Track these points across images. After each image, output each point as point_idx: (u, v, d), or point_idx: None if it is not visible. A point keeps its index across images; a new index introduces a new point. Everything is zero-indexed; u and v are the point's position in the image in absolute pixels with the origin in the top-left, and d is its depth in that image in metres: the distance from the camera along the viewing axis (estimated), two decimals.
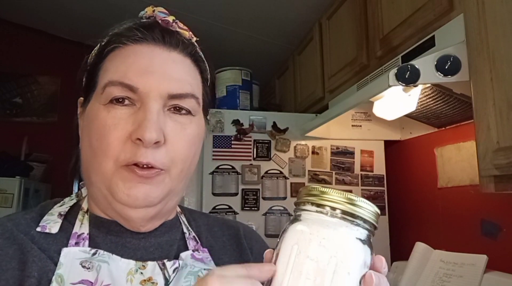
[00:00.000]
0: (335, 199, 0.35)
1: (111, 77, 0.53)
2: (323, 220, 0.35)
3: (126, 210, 0.53)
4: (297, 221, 0.37)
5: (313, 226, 0.35)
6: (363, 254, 0.35)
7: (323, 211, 0.35)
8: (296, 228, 0.36)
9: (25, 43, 3.28)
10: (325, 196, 0.36)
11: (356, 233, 0.35)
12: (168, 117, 0.54)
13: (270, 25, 2.34)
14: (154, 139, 0.50)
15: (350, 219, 0.35)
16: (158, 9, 0.60)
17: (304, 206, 0.37)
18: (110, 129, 0.52)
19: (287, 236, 0.36)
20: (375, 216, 0.36)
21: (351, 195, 0.35)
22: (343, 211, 0.35)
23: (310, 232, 0.35)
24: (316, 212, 0.36)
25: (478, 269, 1.18)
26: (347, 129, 1.87)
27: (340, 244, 0.34)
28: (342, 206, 0.35)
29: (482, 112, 0.96)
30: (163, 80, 0.53)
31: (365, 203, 0.35)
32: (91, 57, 0.60)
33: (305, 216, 0.36)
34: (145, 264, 0.54)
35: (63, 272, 0.50)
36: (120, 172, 0.52)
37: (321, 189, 0.36)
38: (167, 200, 0.56)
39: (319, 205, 0.36)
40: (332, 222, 0.35)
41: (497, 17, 0.92)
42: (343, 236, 0.34)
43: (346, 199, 0.35)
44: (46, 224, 0.55)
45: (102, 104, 0.53)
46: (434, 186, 1.65)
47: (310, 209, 0.36)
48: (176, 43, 0.57)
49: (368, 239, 0.36)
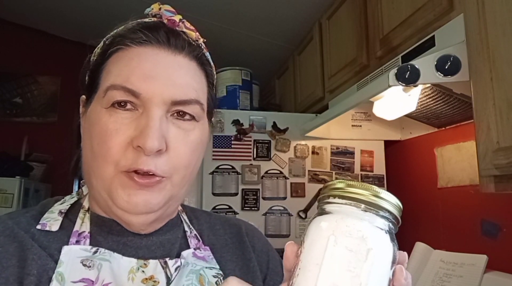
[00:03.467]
0: (367, 193, 0.36)
1: (113, 80, 0.52)
2: (357, 213, 0.35)
3: (126, 216, 0.52)
4: (328, 213, 0.37)
5: (347, 218, 0.35)
6: (393, 247, 0.36)
7: (356, 204, 0.36)
8: (330, 218, 0.36)
9: (25, 43, 3.27)
10: (354, 189, 0.36)
11: (386, 227, 0.36)
12: (171, 123, 0.53)
13: (270, 25, 2.34)
14: (156, 148, 0.49)
15: (382, 214, 0.36)
16: (165, 7, 0.58)
17: (333, 200, 0.37)
18: (112, 134, 0.51)
19: (320, 227, 0.36)
20: (399, 211, 0.37)
21: (378, 189, 0.36)
22: (373, 204, 0.35)
23: (346, 225, 0.35)
24: (348, 204, 0.36)
25: (478, 269, 1.18)
26: (347, 129, 1.88)
27: (375, 236, 0.35)
28: (374, 200, 0.35)
29: (482, 112, 0.96)
30: (167, 86, 0.52)
31: (391, 197, 0.36)
32: (94, 56, 0.59)
33: (335, 208, 0.36)
34: (146, 262, 0.54)
35: (63, 270, 0.49)
36: (119, 178, 0.51)
37: (348, 182, 0.36)
38: (168, 205, 0.55)
39: (350, 198, 0.36)
40: (365, 215, 0.35)
41: (497, 17, 0.92)
42: (377, 229, 0.35)
43: (377, 193, 0.36)
44: (47, 222, 0.55)
45: (104, 107, 0.52)
46: (434, 186, 1.65)
47: (341, 202, 0.36)
48: (182, 45, 0.56)
49: (394, 233, 0.37)
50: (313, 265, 0.35)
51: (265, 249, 0.68)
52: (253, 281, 0.62)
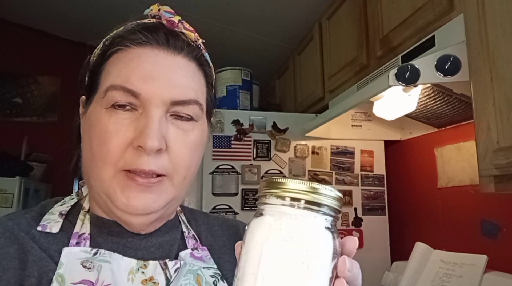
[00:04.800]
0: (298, 189, 0.34)
1: (113, 81, 0.52)
2: (292, 213, 0.34)
3: (125, 217, 0.53)
4: (263, 215, 0.35)
5: (281, 220, 0.34)
6: (332, 242, 0.34)
7: (288, 204, 0.34)
8: (264, 223, 0.34)
9: (25, 43, 3.27)
10: (287, 187, 0.34)
11: (324, 222, 0.34)
12: (170, 123, 0.53)
13: (270, 25, 2.34)
14: (156, 147, 0.50)
15: (316, 209, 0.34)
16: (164, 8, 0.59)
17: (267, 200, 0.35)
18: (112, 135, 0.51)
19: (255, 233, 0.34)
20: (338, 201, 0.35)
21: (312, 183, 0.34)
22: (307, 201, 0.33)
23: (280, 228, 0.33)
24: (281, 205, 0.34)
25: (478, 269, 1.18)
26: (347, 129, 1.87)
27: (310, 236, 0.33)
28: (306, 196, 0.33)
29: (482, 112, 0.96)
30: (166, 86, 0.52)
31: (327, 190, 0.34)
32: (93, 56, 0.59)
33: (270, 209, 0.35)
34: (146, 263, 0.54)
35: (63, 272, 0.50)
36: (118, 178, 0.51)
37: (282, 180, 0.35)
38: (169, 206, 0.56)
39: (282, 197, 0.34)
40: (298, 214, 0.34)
41: (497, 17, 0.92)
42: (312, 228, 0.33)
43: (309, 188, 0.34)
44: (47, 224, 0.55)
45: (104, 108, 0.53)
46: (434, 186, 1.65)
47: (274, 202, 0.35)
48: (181, 46, 0.56)
49: (334, 225, 0.35)
50: (249, 275, 0.33)
51: None
52: None
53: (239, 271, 0.34)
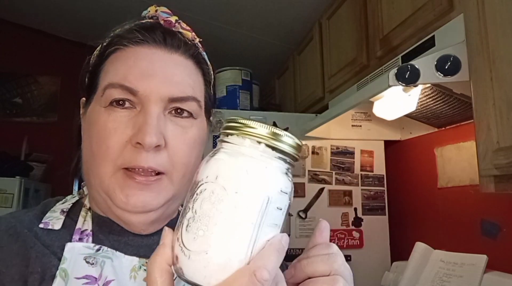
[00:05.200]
0: (257, 132, 0.34)
1: (111, 79, 0.53)
2: (246, 154, 0.34)
3: (126, 215, 0.53)
4: (219, 152, 0.35)
5: (236, 159, 0.34)
6: (281, 182, 0.34)
7: (247, 144, 0.34)
8: (218, 160, 0.35)
9: (25, 43, 3.27)
10: (248, 129, 0.35)
11: (280, 167, 0.35)
12: (169, 120, 0.54)
13: (270, 25, 2.34)
14: (154, 143, 0.50)
15: (269, 151, 0.34)
16: (161, 9, 0.59)
17: (226, 138, 0.36)
18: (110, 132, 0.51)
19: (210, 165, 0.35)
20: (296, 149, 0.36)
21: (273, 128, 0.35)
22: (266, 145, 0.34)
23: (235, 163, 0.34)
24: (238, 144, 0.35)
25: (478, 269, 1.18)
26: (347, 129, 1.87)
27: (256, 174, 0.33)
28: (265, 140, 0.34)
29: (482, 112, 0.96)
30: (164, 83, 0.53)
31: (287, 137, 0.35)
32: (93, 58, 0.60)
33: (226, 147, 0.35)
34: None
35: (67, 267, 0.50)
36: (117, 177, 0.52)
37: (243, 121, 0.35)
38: (168, 204, 0.55)
39: (242, 138, 0.35)
40: (255, 155, 0.34)
41: (497, 17, 0.92)
42: (259, 167, 0.34)
43: (269, 133, 0.34)
44: (49, 221, 0.55)
45: (103, 106, 0.53)
46: (434, 186, 1.65)
47: (232, 141, 0.35)
48: (178, 44, 0.57)
49: (288, 170, 0.36)
50: (201, 215, 0.33)
51: None
52: None
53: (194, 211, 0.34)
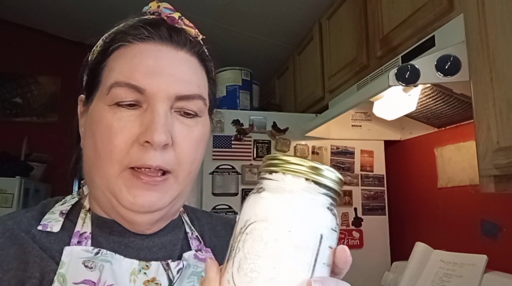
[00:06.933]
0: (299, 168, 0.34)
1: (117, 77, 0.52)
2: (289, 190, 0.33)
3: (131, 215, 0.52)
4: (263, 190, 0.35)
5: (280, 196, 0.33)
6: (330, 220, 0.34)
7: (289, 180, 0.34)
8: (262, 198, 0.34)
9: (25, 43, 3.27)
10: (288, 165, 0.34)
11: (324, 202, 0.34)
12: (175, 118, 0.53)
13: (270, 25, 2.34)
14: (164, 142, 0.49)
15: (314, 187, 0.34)
16: (163, 5, 0.58)
17: (270, 176, 0.35)
18: (117, 131, 0.51)
19: (259, 204, 0.34)
20: (338, 184, 0.35)
21: (314, 162, 0.34)
22: (307, 179, 0.33)
23: (278, 204, 0.33)
24: (280, 180, 0.34)
25: (478, 269, 1.18)
26: (347, 129, 1.87)
27: (308, 211, 0.33)
28: (306, 175, 0.33)
29: (482, 112, 0.96)
30: (171, 81, 0.52)
31: (329, 171, 0.34)
32: (93, 54, 0.59)
33: (271, 184, 0.35)
34: (148, 264, 0.53)
35: (65, 272, 0.49)
36: (123, 176, 0.51)
37: (284, 157, 0.34)
38: (174, 202, 0.55)
39: (283, 173, 0.34)
40: (298, 191, 0.33)
41: (497, 17, 0.92)
42: (309, 204, 0.33)
43: (310, 168, 0.34)
44: (48, 223, 0.54)
45: (107, 104, 0.52)
46: (434, 186, 1.65)
47: (274, 178, 0.34)
48: (184, 42, 0.56)
49: (334, 206, 0.35)
50: (253, 256, 0.32)
51: None
52: None
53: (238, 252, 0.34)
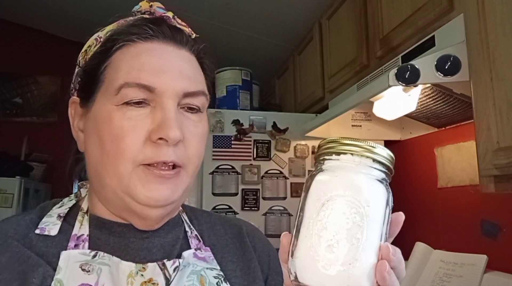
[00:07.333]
0: (356, 147, 0.38)
1: (125, 78, 0.52)
2: (352, 167, 0.38)
3: (145, 210, 0.52)
4: (322, 171, 0.39)
5: (344, 174, 0.38)
6: (386, 194, 0.38)
7: (348, 159, 0.38)
8: (328, 177, 0.38)
9: (25, 43, 3.28)
10: (350, 146, 0.38)
11: (378, 176, 0.38)
12: (182, 115, 0.55)
13: (270, 25, 2.34)
14: (179, 137, 0.51)
15: (370, 164, 0.38)
16: (156, 4, 0.59)
17: (327, 156, 0.39)
18: (128, 131, 0.51)
19: (319, 186, 0.38)
20: (393, 162, 0.40)
21: (376, 145, 0.39)
22: (366, 157, 0.38)
23: (343, 181, 0.37)
24: (340, 160, 0.38)
25: (478, 269, 1.18)
26: (347, 129, 1.87)
27: (372, 189, 0.37)
28: (364, 153, 0.38)
29: (482, 112, 0.96)
30: (178, 79, 0.53)
31: (387, 152, 0.39)
32: (87, 54, 0.59)
33: (332, 165, 0.39)
34: (145, 266, 0.53)
35: (62, 277, 0.49)
36: (137, 173, 0.51)
37: (341, 140, 0.39)
38: (183, 196, 0.56)
39: (341, 153, 0.38)
40: (360, 168, 0.38)
41: (497, 17, 0.92)
42: (368, 179, 0.38)
43: (367, 146, 0.38)
44: (45, 226, 0.54)
45: (115, 105, 0.52)
46: (434, 186, 1.65)
47: (333, 158, 0.39)
48: (186, 40, 0.58)
49: (388, 182, 0.40)
50: (314, 224, 0.37)
51: (266, 249, 0.68)
52: (254, 281, 0.62)
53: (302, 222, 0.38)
